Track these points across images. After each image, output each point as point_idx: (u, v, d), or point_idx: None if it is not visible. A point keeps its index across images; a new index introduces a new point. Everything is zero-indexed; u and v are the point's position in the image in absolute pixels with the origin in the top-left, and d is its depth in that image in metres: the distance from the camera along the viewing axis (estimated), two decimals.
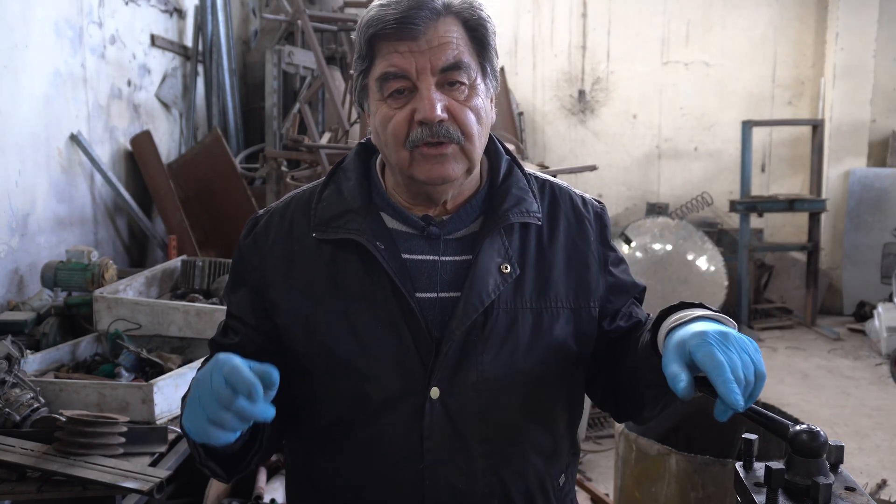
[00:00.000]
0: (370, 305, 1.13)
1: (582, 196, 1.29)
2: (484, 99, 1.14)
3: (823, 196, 6.94)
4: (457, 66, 1.09)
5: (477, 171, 1.20)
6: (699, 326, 0.99)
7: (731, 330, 0.99)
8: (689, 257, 6.68)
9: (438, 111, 1.07)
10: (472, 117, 1.11)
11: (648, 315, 1.27)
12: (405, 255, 1.15)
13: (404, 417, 1.12)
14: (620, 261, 1.30)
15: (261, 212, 1.27)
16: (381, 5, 1.10)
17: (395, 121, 1.09)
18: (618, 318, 1.25)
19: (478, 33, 1.12)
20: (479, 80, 1.13)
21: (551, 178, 1.29)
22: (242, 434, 1.02)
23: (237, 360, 0.93)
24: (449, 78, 1.09)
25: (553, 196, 1.25)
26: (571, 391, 1.24)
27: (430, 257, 1.16)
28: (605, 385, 1.27)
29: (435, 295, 1.14)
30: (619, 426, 2.39)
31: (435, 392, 1.11)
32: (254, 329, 1.20)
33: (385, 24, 1.07)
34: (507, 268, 1.15)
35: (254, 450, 1.13)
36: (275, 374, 0.94)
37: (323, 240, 1.16)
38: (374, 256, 1.12)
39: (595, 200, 1.31)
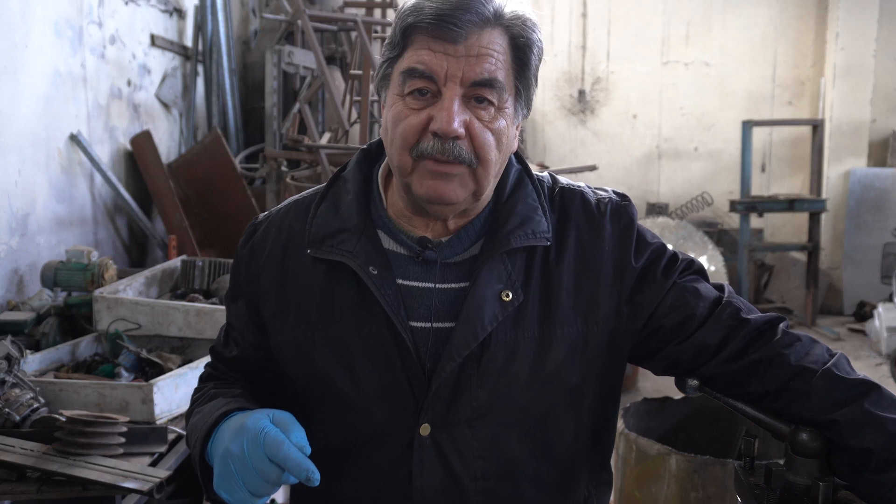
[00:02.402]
0: (362, 333, 1.06)
1: (598, 197, 1.15)
2: (509, 124, 1.04)
3: (823, 196, 6.94)
4: (490, 83, 0.99)
5: (489, 192, 1.09)
6: None
7: None
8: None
9: (456, 126, 0.97)
10: (491, 140, 1.01)
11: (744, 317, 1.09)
12: (400, 281, 1.07)
13: (393, 453, 1.06)
14: (651, 258, 1.12)
15: (260, 217, 1.21)
16: None
17: (408, 123, 1.00)
18: (705, 328, 1.08)
19: (522, 54, 1.03)
20: (508, 103, 1.03)
21: (564, 183, 1.17)
22: None
23: (277, 435, 0.94)
24: (477, 93, 1.00)
25: (563, 206, 1.13)
26: (584, 420, 1.13)
27: (426, 284, 1.07)
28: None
29: (429, 325, 1.05)
30: (619, 426, 2.39)
31: (425, 429, 1.04)
32: (252, 344, 1.17)
33: (424, 16, 0.98)
34: (508, 295, 1.04)
35: None
36: (307, 448, 0.96)
37: (318, 258, 1.08)
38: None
39: (614, 194, 1.16)
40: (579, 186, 1.17)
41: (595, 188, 1.19)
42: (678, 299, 1.10)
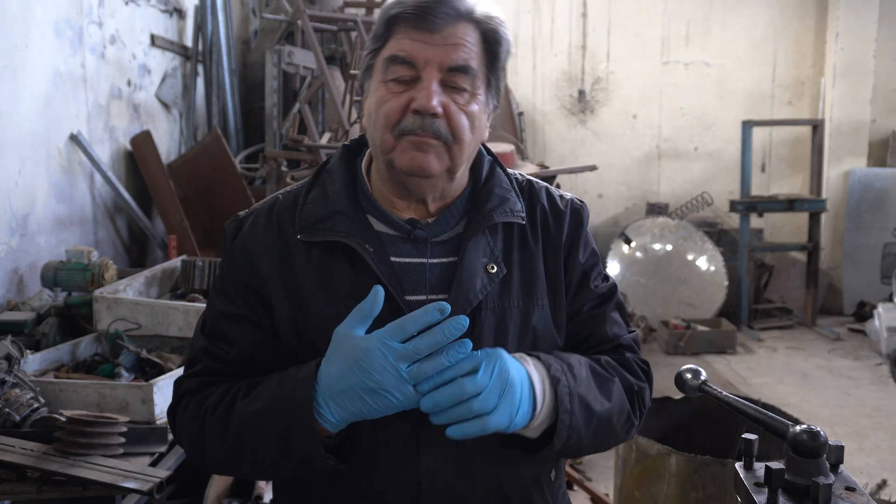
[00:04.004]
0: None
1: (562, 194, 1.29)
2: (482, 110, 1.14)
3: (823, 196, 6.94)
4: (464, 69, 1.10)
5: (464, 176, 1.20)
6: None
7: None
8: (690, 257, 6.68)
9: (435, 103, 1.07)
10: (465, 122, 1.11)
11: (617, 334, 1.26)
12: (393, 258, 1.14)
13: (398, 423, 1.10)
14: (591, 262, 1.27)
15: (242, 214, 1.24)
16: None
17: (390, 105, 1.09)
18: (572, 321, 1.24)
19: (492, 47, 1.14)
20: (481, 91, 1.13)
21: (531, 178, 1.30)
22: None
23: (394, 322, 1.01)
24: (453, 79, 1.10)
25: (532, 194, 1.26)
26: None
27: (418, 260, 1.16)
28: None
29: (424, 297, 1.13)
30: None
31: None
32: (255, 329, 1.17)
33: (405, 7, 1.09)
34: (493, 267, 1.15)
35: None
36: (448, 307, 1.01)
37: (311, 242, 1.14)
38: (362, 259, 1.11)
39: (576, 199, 1.30)
40: (542, 183, 1.31)
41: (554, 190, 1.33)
42: (594, 312, 1.26)
